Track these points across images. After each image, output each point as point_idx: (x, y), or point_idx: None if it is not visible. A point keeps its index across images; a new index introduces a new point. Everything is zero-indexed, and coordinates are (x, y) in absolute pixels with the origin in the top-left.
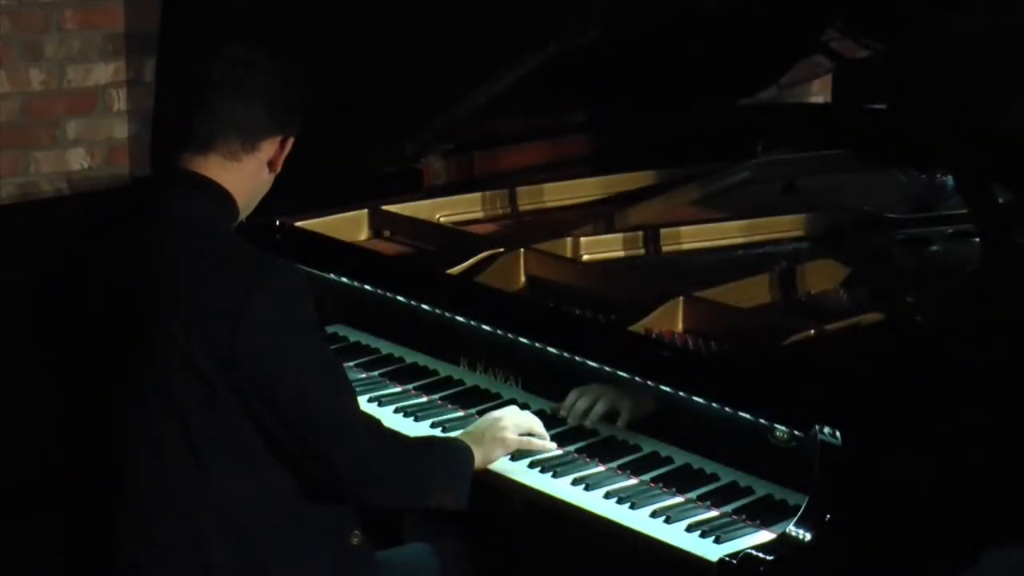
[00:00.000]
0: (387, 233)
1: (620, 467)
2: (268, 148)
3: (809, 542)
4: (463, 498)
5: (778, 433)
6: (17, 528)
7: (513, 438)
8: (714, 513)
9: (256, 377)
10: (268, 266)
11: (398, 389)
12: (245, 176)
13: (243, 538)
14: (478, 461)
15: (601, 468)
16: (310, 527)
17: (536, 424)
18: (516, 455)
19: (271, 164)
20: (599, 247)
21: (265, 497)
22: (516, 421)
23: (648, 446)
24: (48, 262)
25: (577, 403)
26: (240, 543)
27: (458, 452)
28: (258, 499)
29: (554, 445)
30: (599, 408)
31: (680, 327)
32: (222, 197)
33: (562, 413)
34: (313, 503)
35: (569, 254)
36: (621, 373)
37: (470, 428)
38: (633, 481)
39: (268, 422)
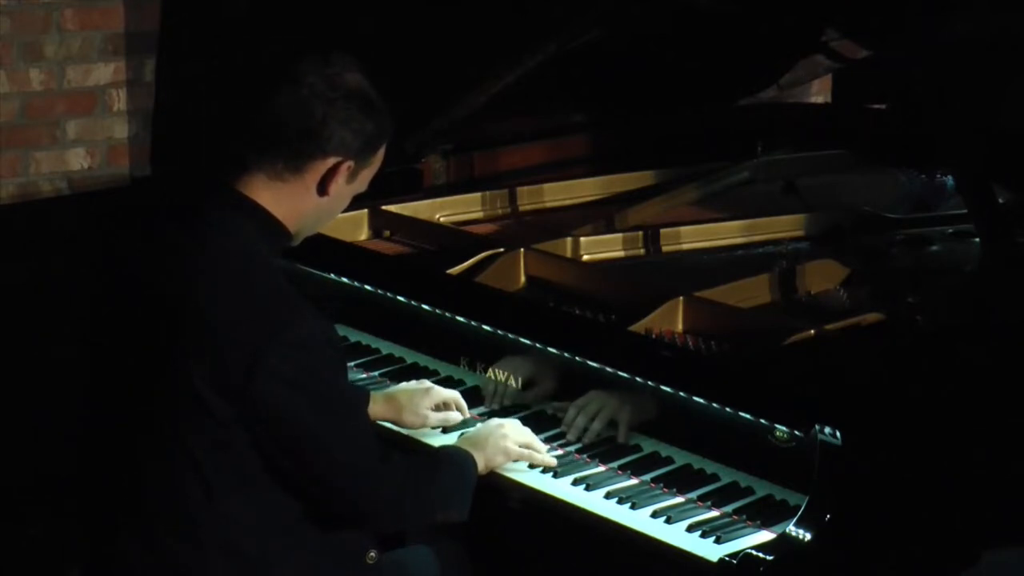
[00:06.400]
0: (387, 233)
1: (621, 467)
2: (315, 170)
3: (809, 542)
4: (466, 511)
5: (778, 433)
6: (17, 528)
7: (515, 448)
8: (714, 513)
9: (268, 423)
10: (292, 315)
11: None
12: (290, 198)
13: (247, 562)
14: (480, 468)
15: (602, 468)
16: (321, 550)
17: (535, 441)
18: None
19: (322, 188)
20: (599, 247)
21: (272, 523)
22: (517, 433)
23: (648, 446)
24: (56, 261)
25: (577, 419)
26: (243, 567)
27: (463, 467)
28: (264, 525)
29: (554, 461)
30: (597, 425)
31: (680, 327)
32: (266, 221)
33: (563, 427)
34: (323, 527)
35: (569, 254)
36: (621, 373)
37: (472, 432)
38: (634, 481)
39: (278, 459)
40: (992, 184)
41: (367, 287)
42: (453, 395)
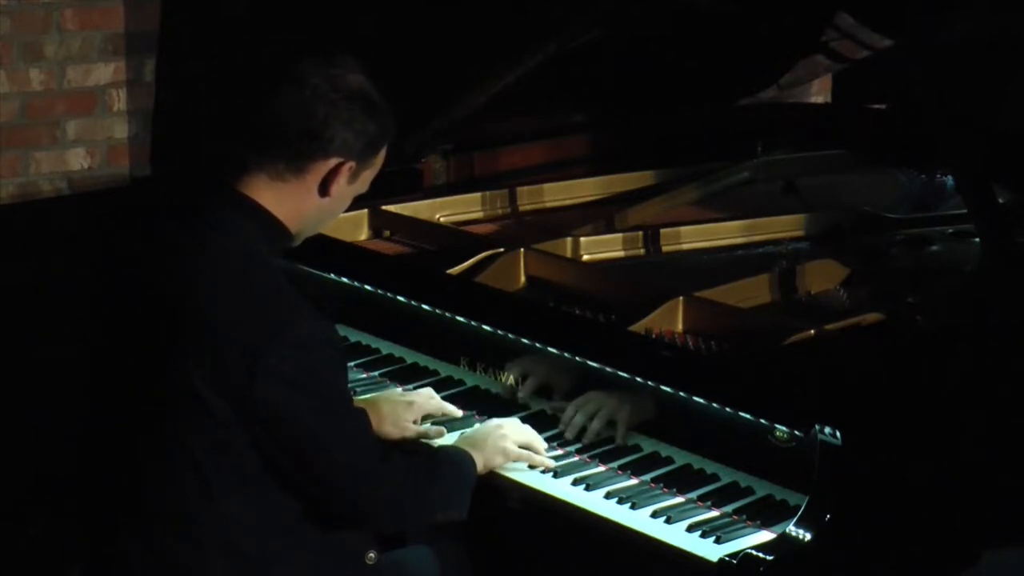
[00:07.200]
0: (387, 233)
1: (621, 467)
2: (316, 171)
3: (809, 542)
4: (465, 511)
5: (778, 433)
6: (17, 528)
7: (514, 448)
8: (714, 513)
9: (268, 423)
10: (292, 315)
11: (399, 389)
12: (292, 199)
13: (247, 562)
14: (479, 468)
15: (602, 468)
16: (321, 550)
17: (535, 439)
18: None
19: (323, 189)
20: (599, 247)
21: (272, 523)
22: (517, 432)
23: (648, 446)
24: (56, 261)
25: (575, 418)
26: (243, 567)
27: (463, 467)
28: (264, 525)
29: (553, 462)
30: (595, 424)
31: (680, 327)
32: (266, 221)
33: (560, 427)
34: (323, 527)
35: (569, 254)
36: (621, 373)
37: (471, 432)
38: (634, 481)
39: (278, 459)
40: (992, 184)
41: (367, 287)
42: (436, 407)
